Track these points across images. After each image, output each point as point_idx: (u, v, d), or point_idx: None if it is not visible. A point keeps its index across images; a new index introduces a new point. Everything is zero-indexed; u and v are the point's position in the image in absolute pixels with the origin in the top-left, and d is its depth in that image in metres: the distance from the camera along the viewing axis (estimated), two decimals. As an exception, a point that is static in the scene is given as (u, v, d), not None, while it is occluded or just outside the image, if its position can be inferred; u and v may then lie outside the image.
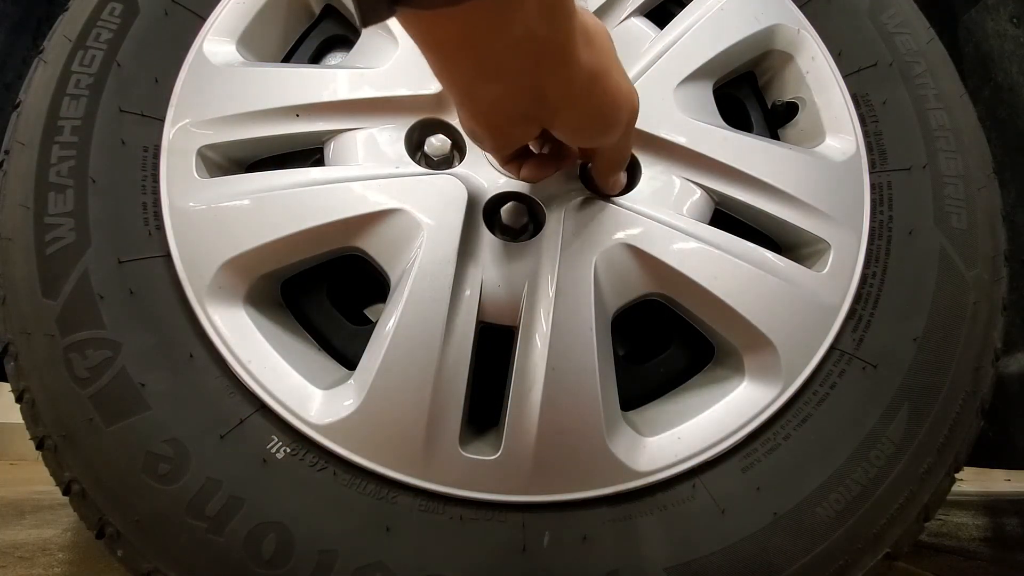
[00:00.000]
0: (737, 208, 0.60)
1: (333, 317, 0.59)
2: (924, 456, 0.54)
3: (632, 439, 0.53)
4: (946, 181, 0.60)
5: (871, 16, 0.65)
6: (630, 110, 0.46)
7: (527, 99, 0.40)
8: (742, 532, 0.51)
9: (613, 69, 0.43)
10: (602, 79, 0.42)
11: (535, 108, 0.41)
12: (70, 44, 0.57)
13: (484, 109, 0.41)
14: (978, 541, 1.46)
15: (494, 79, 0.39)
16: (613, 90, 0.43)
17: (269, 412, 0.51)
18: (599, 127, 0.45)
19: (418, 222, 0.53)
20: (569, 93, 0.41)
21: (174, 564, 0.48)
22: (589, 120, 0.44)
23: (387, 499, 0.50)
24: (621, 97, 0.44)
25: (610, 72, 0.43)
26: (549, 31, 0.36)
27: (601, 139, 0.47)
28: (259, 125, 0.57)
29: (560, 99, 0.41)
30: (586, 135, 0.46)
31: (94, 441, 0.50)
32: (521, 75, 0.38)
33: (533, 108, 0.41)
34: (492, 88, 0.39)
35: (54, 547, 1.04)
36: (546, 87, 0.40)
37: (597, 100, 0.43)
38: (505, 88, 0.39)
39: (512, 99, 0.40)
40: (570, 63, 0.39)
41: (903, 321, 0.56)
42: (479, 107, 0.41)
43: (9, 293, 0.52)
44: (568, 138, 0.46)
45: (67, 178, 0.54)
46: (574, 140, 0.46)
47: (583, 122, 0.44)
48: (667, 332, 0.61)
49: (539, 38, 0.36)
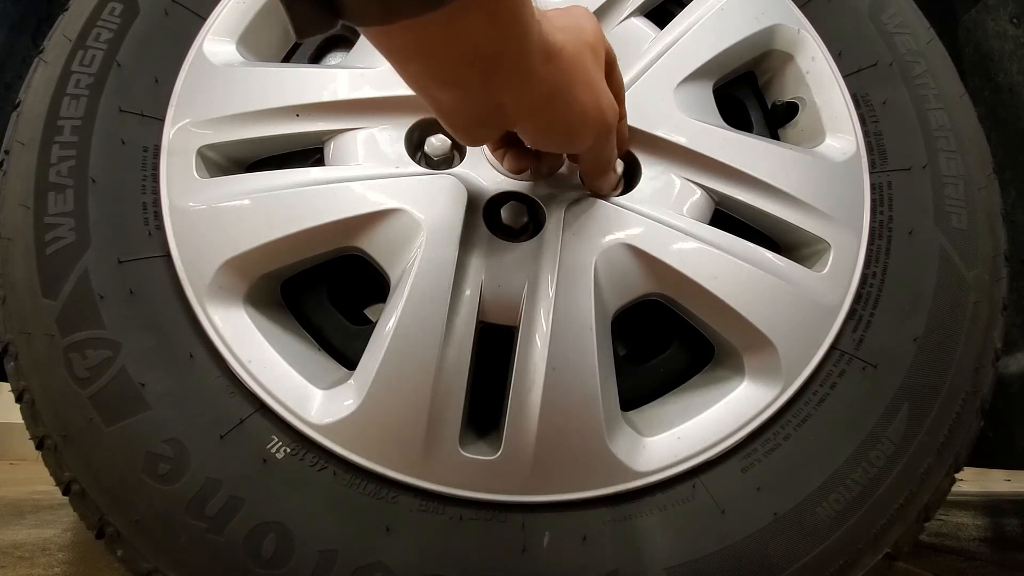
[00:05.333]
0: (737, 208, 0.60)
1: (333, 317, 0.59)
2: (924, 456, 0.54)
3: (632, 439, 0.53)
4: (946, 181, 0.60)
5: (871, 16, 0.65)
6: (598, 124, 0.46)
7: (484, 107, 0.41)
8: (742, 532, 0.51)
9: (577, 85, 0.43)
10: (563, 95, 0.42)
11: (494, 115, 0.42)
12: (70, 44, 0.57)
13: (445, 111, 0.42)
14: (978, 541, 1.46)
15: (449, 86, 0.39)
16: (576, 106, 0.43)
17: (269, 412, 0.51)
18: (561, 138, 0.46)
19: (418, 222, 0.53)
20: (526, 106, 0.42)
21: (174, 564, 0.48)
22: (550, 131, 0.45)
23: (387, 499, 0.50)
24: (587, 112, 0.44)
25: (572, 89, 0.43)
26: (498, 48, 0.37)
27: (567, 148, 0.48)
28: (259, 125, 0.57)
29: (517, 111, 0.42)
30: (549, 144, 0.47)
31: (94, 441, 0.50)
32: (475, 86, 0.39)
33: (492, 115, 0.42)
34: (449, 94, 0.40)
35: (54, 547, 1.04)
36: (502, 98, 0.40)
37: (559, 114, 0.43)
38: (461, 96, 0.40)
39: (469, 106, 0.41)
40: (525, 79, 0.40)
41: (903, 321, 0.56)
42: (440, 108, 0.42)
43: (9, 293, 0.52)
44: (532, 144, 0.46)
45: (67, 178, 0.54)
46: (538, 146, 0.47)
47: (543, 132, 0.45)
48: (667, 332, 0.61)
49: (488, 55, 0.37)
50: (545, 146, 0.47)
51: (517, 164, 0.50)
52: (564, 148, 0.47)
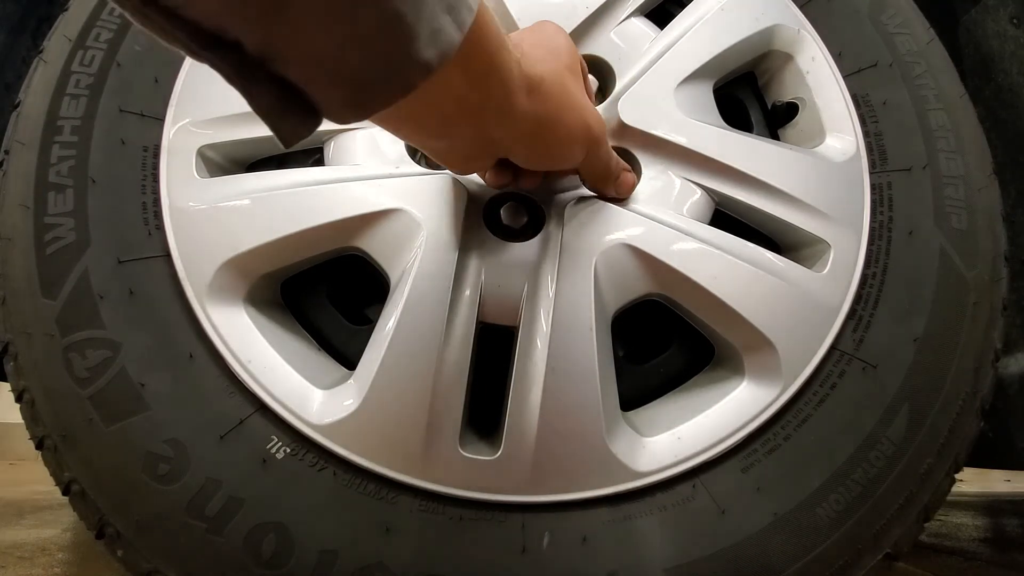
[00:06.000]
0: (737, 208, 0.59)
1: (333, 317, 0.59)
2: (924, 456, 0.54)
3: (632, 439, 0.53)
4: (946, 182, 0.60)
5: (871, 16, 0.65)
6: (586, 140, 0.47)
7: (476, 146, 0.43)
8: (742, 532, 0.51)
9: (562, 109, 0.44)
10: (549, 123, 0.44)
11: (486, 149, 0.44)
12: (70, 44, 0.57)
13: (438, 154, 0.44)
14: (978, 541, 1.46)
15: (440, 137, 0.41)
16: (563, 128, 0.45)
17: (269, 412, 0.51)
18: (551, 159, 0.48)
19: (418, 222, 0.53)
20: (514, 137, 0.43)
21: (174, 564, 0.48)
22: (541, 154, 0.47)
23: (387, 499, 0.50)
24: (572, 132, 0.46)
25: (558, 117, 0.44)
26: (482, 97, 0.37)
27: (560, 165, 0.49)
28: (259, 125, 0.56)
29: (507, 142, 0.44)
30: (541, 164, 0.48)
31: (94, 441, 0.50)
32: (465, 132, 0.40)
33: (483, 150, 0.44)
34: (441, 143, 0.42)
35: (54, 547, 1.04)
36: (491, 135, 0.42)
37: (546, 140, 0.45)
38: (453, 142, 0.42)
39: (462, 148, 0.43)
40: (511, 115, 0.41)
41: (903, 321, 0.56)
42: (435, 153, 0.44)
43: (9, 293, 0.52)
44: (524, 165, 0.48)
45: (67, 178, 0.54)
46: (531, 167, 0.49)
47: (535, 156, 0.47)
48: (667, 332, 0.61)
49: (473, 104, 0.37)
50: (537, 166, 0.49)
51: (497, 179, 0.51)
52: (557, 166, 0.49)
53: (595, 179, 0.53)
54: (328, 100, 0.31)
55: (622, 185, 0.55)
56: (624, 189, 0.55)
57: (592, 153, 0.49)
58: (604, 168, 0.52)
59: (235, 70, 0.28)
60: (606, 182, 0.54)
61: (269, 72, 0.28)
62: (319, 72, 0.29)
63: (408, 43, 0.29)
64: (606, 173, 0.53)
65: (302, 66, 0.28)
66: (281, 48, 0.27)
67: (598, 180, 0.53)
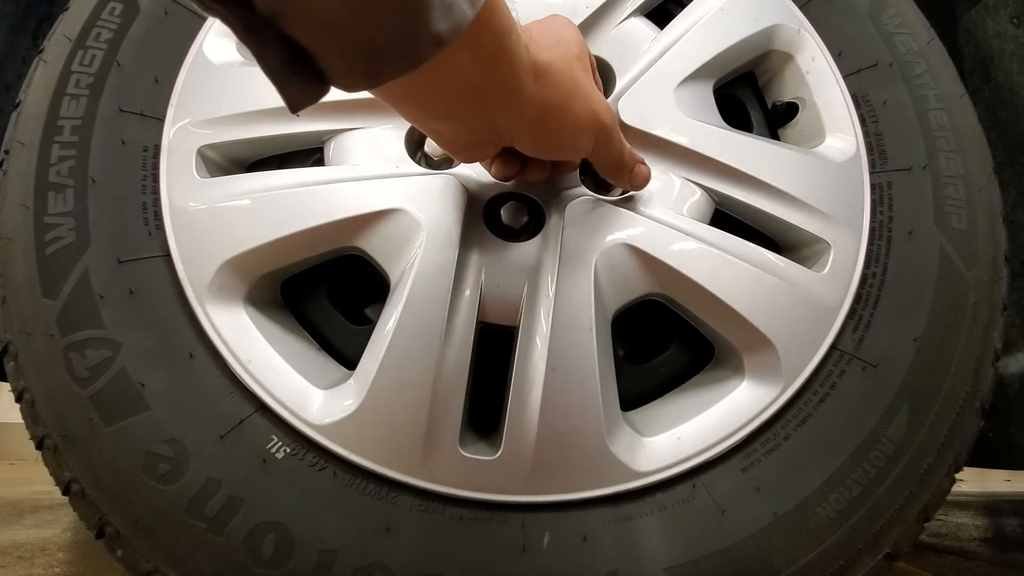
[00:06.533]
0: (737, 208, 0.59)
1: (333, 317, 0.59)
2: (924, 456, 0.54)
3: (632, 439, 0.53)
4: (946, 181, 0.60)
5: (871, 16, 0.65)
6: (594, 128, 0.47)
7: (481, 131, 0.42)
8: (742, 532, 0.51)
9: (570, 97, 0.44)
10: (556, 110, 0.43)
11: (491, 136, 0.43)
12: (70, 44, 0.57)
13: (442, 138, 0.44)
14: (978, 541, 1.46)
15: (445, 119, 0.41)
16: (571, 116, 0.45)
17: (269, 412, 0.51)
18: (559, 148, 0.47)
19: (418, 222, 0.53)
20: (521, 124, 0.43)
21: (174, 564, 0.48)
22: (548, 143, 0.46)
23: (387, 499, 0.50)
24: (581, 120, 0.45)
25: (566, 104, 0.44)
26: (488, 81, 0.37)
27: (569, 155, 0.49)
28: (259, 125, 0.57)
29: (513, 129, 0.43)
30: (549, 154, 0.48)
31: (94, 441, 0.49)
32: (469, 117, 0.40)
33: (488, 137, 0.43)
34: (444, 125, 0.42)
35: (54, 547, 1.04)
36: (497, 121, 0.41)
37: (555, 126, 0.44)
38: (457, 125, 0.41)
39: (466, 132, 0.42)
40: (518, 101, 0.40)
41: (903, 321, 0.56)
42: (437, 136, 0.43)
43: (9, 293, 0.52)
44: (532, 154, 0.47)
45: (67, 178, 0.54)
46: (538, 156, 0.48)
47: (542, 145, 0.46)
48: (667, 332, 0.61)
49: (479, 88, 0.37)
50: (545, 155, 0.48)
51: (504, 171, 0.50)
52: (566, 156, 0.48)
53: (608, 170, 0.52)
54: (336, 66, 0.30)
55: (636, 177, 0.54)
56: (639, 181, 0.54)
57: (602, 143, 0.48)
58: (617, 159, 0.51)
59: (244, 26, 0.28)
60: (620, 173, 0.53)
61: (279, 32, 0.28)
62: (328, 36, 0.29)
63: (421, 13, 0.29)
64: (619, 164, 0.52)
65: (311, 28, 0.28)
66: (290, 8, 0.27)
67: (612, 171, 0.52)
